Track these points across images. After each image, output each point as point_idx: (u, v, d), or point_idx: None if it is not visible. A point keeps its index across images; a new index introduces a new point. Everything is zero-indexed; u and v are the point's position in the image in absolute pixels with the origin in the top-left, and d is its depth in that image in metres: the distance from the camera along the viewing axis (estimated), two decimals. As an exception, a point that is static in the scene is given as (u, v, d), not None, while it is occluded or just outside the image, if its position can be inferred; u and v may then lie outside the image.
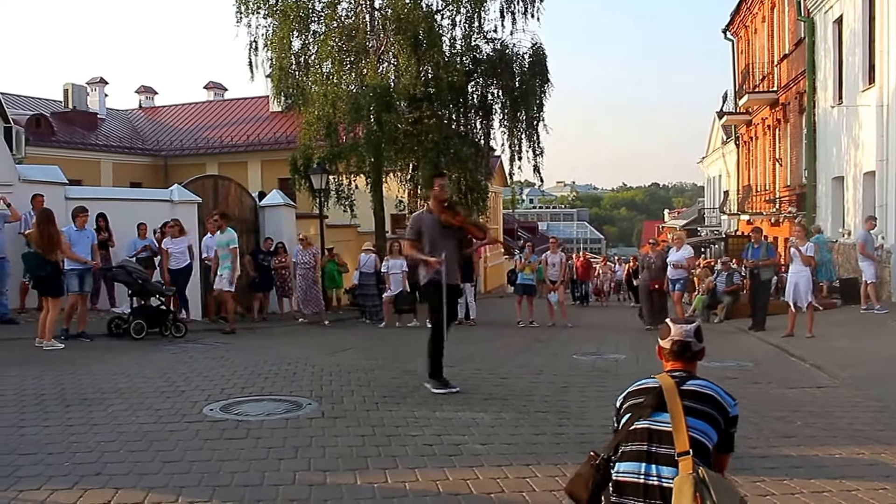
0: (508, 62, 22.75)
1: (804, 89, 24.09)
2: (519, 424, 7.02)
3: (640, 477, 3.23)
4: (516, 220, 64.50)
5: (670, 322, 3.76)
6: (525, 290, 17.52)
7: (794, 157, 26.41)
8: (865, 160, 19.12)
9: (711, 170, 47.46)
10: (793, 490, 5.15)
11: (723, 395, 3.47)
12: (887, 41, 17.50)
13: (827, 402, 8.28)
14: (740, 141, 36.64)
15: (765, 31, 30.70)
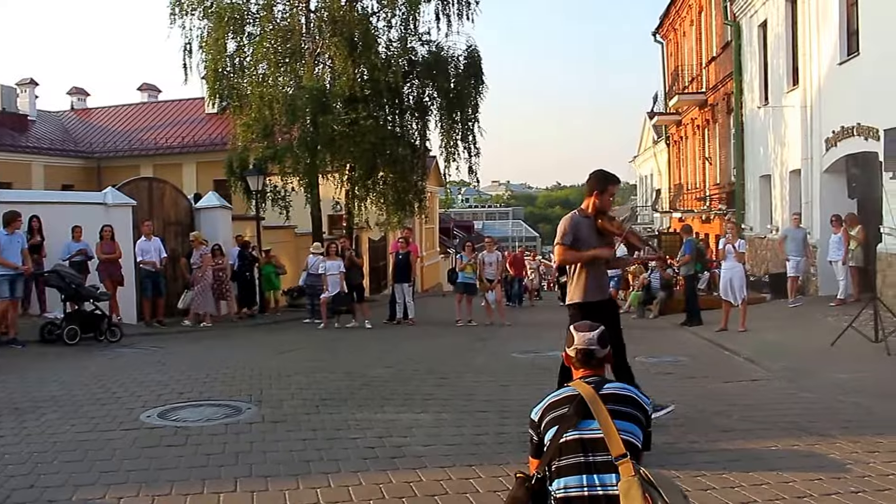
0: (444, 64, 22.79)
1: (732, 91, 24.69)
2: (461, 424, 7.02)
3: (584, 490, 3.19)
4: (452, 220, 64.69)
5: (574, 330, 3.74)
6: (466, 290, 17.59)
7: (723, 156, 27.03)
8: (791, 159, 19.66)
9: (643, 169, 48.22)
10: (732, 484, 5.23)
11: (640, 395, 3.51)
12: (809, 44, 18.02)
13: (762, 395, 8.48)
14: (671, 140, 37.34)
15: (693, 34, 31.36)
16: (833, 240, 15.83)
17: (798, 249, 16.74)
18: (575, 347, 3.63)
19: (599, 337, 3.65)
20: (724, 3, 24.66)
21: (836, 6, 16.46)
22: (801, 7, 18.62)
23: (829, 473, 5.42)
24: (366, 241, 28.47)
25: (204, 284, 17.14)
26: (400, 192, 23.33)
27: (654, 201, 40.83)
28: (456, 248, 32.95)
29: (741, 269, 14.21)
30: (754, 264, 21.90)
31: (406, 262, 17.59)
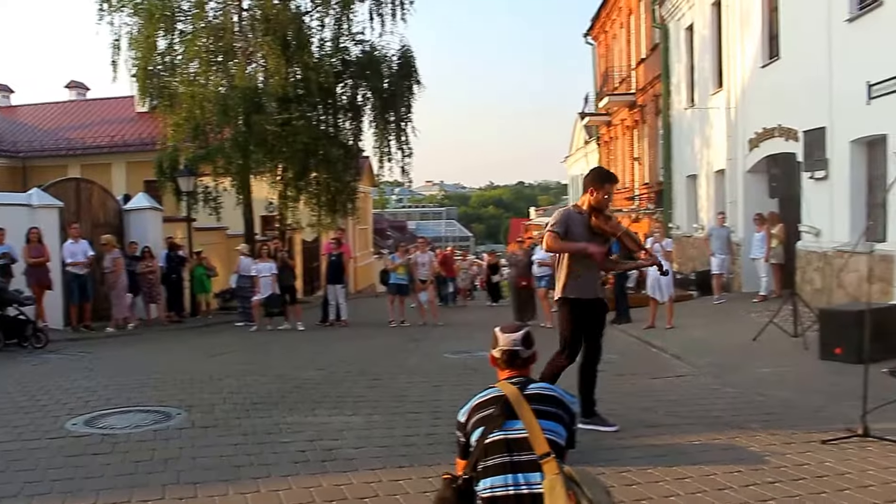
0: (377, 64, 22.75)
1: (660, 92, 25.19)
2: (392, 426, 7.05)
3: (510, 489, 3.22)
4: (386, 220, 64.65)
5: (498, 331, 3.76)
6: (398, 290, 17.61)
7: (652, 156, 27.55)
8: (716, 159, 20.16)
9: (575, 168, 48.79)
10: (656, 478, 5.37)
11: (563, 394, 3.56)
12: (733, 48, 18.50)
13: (687, 391, 8.69)
14: (601, 140, 37.89)
15: (623, 36, 31.89)
16: (756, 238, 16.29)
17: (722, 247, 17.17)
18: (500, 348, 3.66)
19: (524, 337, 3.68)
20: (653, 7, 25.14)
21: (758, 11, 16.95)
22: (725, 12, 19.10)
23: (748, 465, 5.60)
24: (299, 242, 28.26)
25: (119, 289, 16.71)
26: (333, 192, 23.24)
27: (585, 201, 41.26)
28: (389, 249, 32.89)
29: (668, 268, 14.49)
30: (681, 262, 22.38)
31: (339, 264, 17.54)
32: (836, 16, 13.17)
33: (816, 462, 5.62)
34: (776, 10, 16.20)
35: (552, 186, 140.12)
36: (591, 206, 6.68)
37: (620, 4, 31.66)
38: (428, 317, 17.66)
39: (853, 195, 13.00)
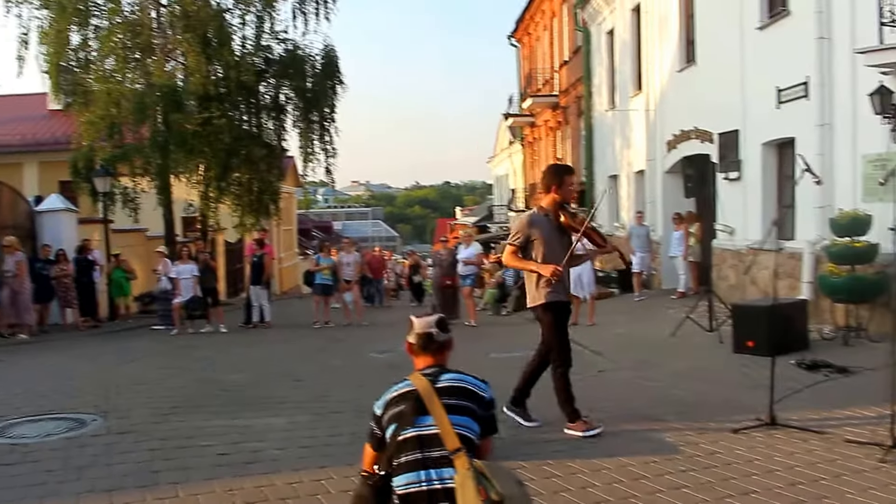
0: (301, 63, 22.57)
1: (582, 94, 25.63)
2: (315, 426, 7.08)
3: (423, 485, 3.26)
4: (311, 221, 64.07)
5: (413, 317, 3.80)
6: (324, 291, 17.56)
7: (575, 157, 27.98)
8: (636, 160, 20.62)
9: (499, 169, 49.26)
10: (574, 470, 5.53)
11: (475, 384, 3.53)
12: (652, 52, 18.96)
13: (607, 386, 8.90)
14: (525, 141, 38.31)
15: (546, 38, 32.32)
16: (674, 236, 16.73)
17: (642, 246, 17.57)
18: (415, 333, 3.67)
19: (438, 321, 3.69)
20: (575, 11, 25.55)
21: (675, 18, 17.40)
22: (644, 17, 19.56)
23: (663, 455, 5.81)
24: (222, 243, 27.86)
25: (21, 294, 15.96)
26: (256, 193, 22.96)
27: (510, 201, 41.80)
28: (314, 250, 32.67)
29: (590, 266, 14.79)
30: (603, 261, 22.81)
31: (261, 265, 17.39)
32: (748, 24, 13.62)
33: (727, 450, 5.87)
34: (692, 17, 16.66)
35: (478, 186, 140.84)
36: (556, 203, 6.59)
37: (544, 7, 32.07)
38: (353, 317, 17.65)
39: (765, 195, 13.49)
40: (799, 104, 12.02)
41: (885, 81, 10.23)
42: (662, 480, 5.25)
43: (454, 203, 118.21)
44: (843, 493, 4.88)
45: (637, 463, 5.64)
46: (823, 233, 11.21)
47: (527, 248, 6.56)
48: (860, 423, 6.44)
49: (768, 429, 6.36)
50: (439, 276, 17.13)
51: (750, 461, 5.59)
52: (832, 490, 4.95)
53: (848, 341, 10.21)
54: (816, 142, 11.46)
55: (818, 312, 11.24)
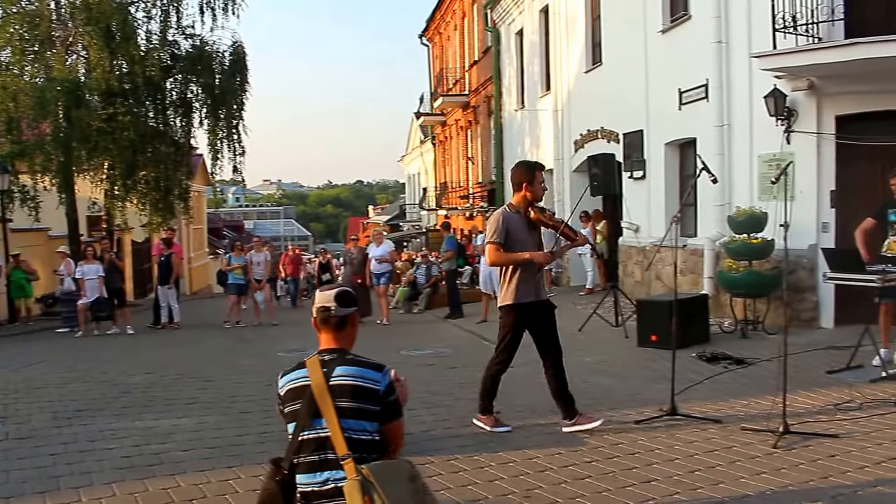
0: (209, 59, 22.15)
1: (492, 94, 25.86)
2: (223, 426, 7.02)
3: (319, 485, 3.31)
4: (221, 220, 62.98)
5: (317, 291, 3.72)
6: (238, 291, 17.35)
7: (485, 156, 28.26)
8: (545, 159, 20.88)
9: (411, 167, 49.35)
10: (482, 464, 5.63)
11: (367, 376, 3.41)
12: (560, 53, 19.27)
13: (514, 381, 8.96)
14: (436, 140, 38.48)
15: (456, 38, 32.51)
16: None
17: (550, 243, 17.78)
18: (315, 306, 3.60)
19: (338, 295, 3.57)
20: (485, 11, 25.74)
21: (582, 19, 17.72)
22: (552, 18, 19.84)
23: (568, 447, 5.96)
24: (128, 243, 27.18)
25: None
26: (163, 191, 22.42)
27: (422, 199, 41.95)
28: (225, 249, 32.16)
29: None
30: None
31: (169, 265, 17.06)
32: (652, 27, 13.99)
33: (630, 441, 6.06)
34: (598, 19, 16.99)
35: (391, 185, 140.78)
36: (528, 201, 6.48)
37: (454, 7, 32.23)
38: (264, 317, 17.48)
39: (668, 194, 13.88)
40: (699, 105, 12.41)
41: (779, 84, 10.68)
42: (567, 471, 5.38)
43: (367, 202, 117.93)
44: (738, 478, 5.09)
45: (543, 455, 5.76)
46: (723, 230, 11.61)
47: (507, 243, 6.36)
48: (756, 412, 6.73)
49: (670, 419, 6.59)
50: (350, 275, 17.10)
51: (651, 450, 5.77)
52: (728, 475, 5.16)
53: (746, 334, 10.63)
54: (716, 142, 11.87)
55: (718, 306, 11.65)
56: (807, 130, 10.66)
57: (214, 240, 45.86)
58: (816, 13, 10.02)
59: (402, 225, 49.57)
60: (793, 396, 6.72)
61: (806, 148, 10.71)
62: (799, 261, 10.69)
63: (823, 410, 6.75)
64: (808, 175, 10.68)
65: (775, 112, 10.71)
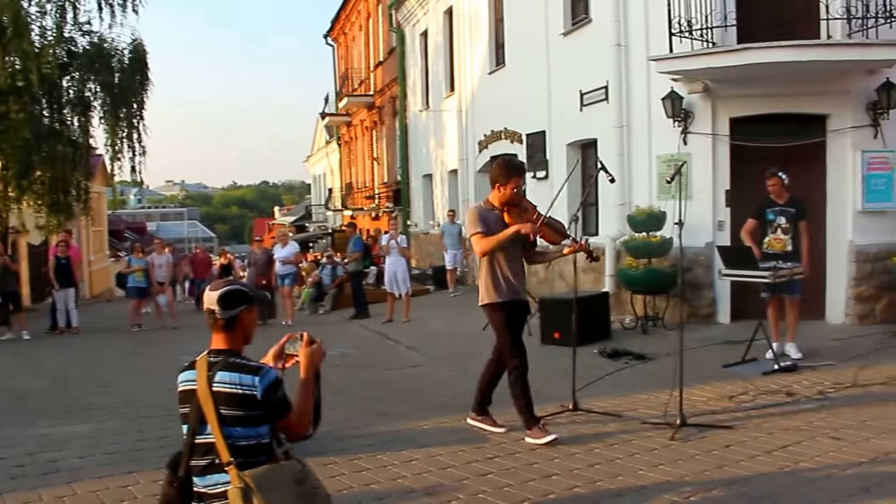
0: (107, 57, 21.38)
1: (397, 94, 25.83)
2: (122, 432, 6.86)
3: (210, 488, 3.29)
4: (123, 221, 61.20)
5: (207, 291, 3.55)
6: (138, 294, 16.85)
7: (390, 156, 28.23)
8: (449, 160, 21.02)
9: (317, 168, 48.94)
10: (385, 463, 5.62)
11: (244, 383, 3.27)
12: (463, 55, 19.38)
13: (420, 380, 9.06)
14: (342, 140, 38.27)
15: (362, 38, 32.36)
16: (486, 234, 17.16)
17: (454, 243, 17.96)
18: (204, 307, 3.52)
19: (222, 296, 3.42)
20: (390, 11, 25.70)
21: (485, 21, 17.85)
22: (456, 20, 19.93)
23: (471, 444, 5.99)
24: (24, 245, 26.07)
25: None
26: (60, 192, 21.58)
27: (327, 200, 41.66)
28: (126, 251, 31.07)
29: (404, 263, 15.05)
30: (420, 258, 23.14)
31: (66, 268, 16.46)
32: (553, 29, 14.16)
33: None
34: (502, 21, 17.14)
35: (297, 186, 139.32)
36: (502, 203, 6.16)
37: (359, 7, 32.09)
38: (166, 320, 17.04)
39: (570, 193, 14.05)
40: (600, 107, 12.62)
41: (676, 87, 10.97)
42: (470, 468, 5.40)
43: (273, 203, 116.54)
44: (637, 471, 5.20)
45: (446, 453, 5.77)
46: (623, 229, 11.85)
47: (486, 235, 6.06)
48: (655, 405, 6.89)
49: (572, 415, 6.69)
50: (254, 276, 16.84)
51: (553, 446, 5.82)
52: (626, 468, 5.26)
53: (646, 330, 10.87)
54: (615, 142, 12.09)
55: (619, 304, 11.87)
56: (702, 132, 10.98)
57: (116, 242, 44.48)
58: (710, 19, 10.31)
59: (307, 226, 49.08)
60: (690, 390, 6.91)
61: (702, 149, 11.02)
62: (696, 258, 11.00)
63: (719, 403, 6.97)
64: (704, 175, 11.00)
65: (672, 114, 11.00)
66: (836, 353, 8.84)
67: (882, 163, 10.67)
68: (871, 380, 7.58)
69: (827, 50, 9.99)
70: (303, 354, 3.49)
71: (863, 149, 10.64)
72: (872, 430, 5.95)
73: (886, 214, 10.79)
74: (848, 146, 10.71)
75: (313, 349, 3.51)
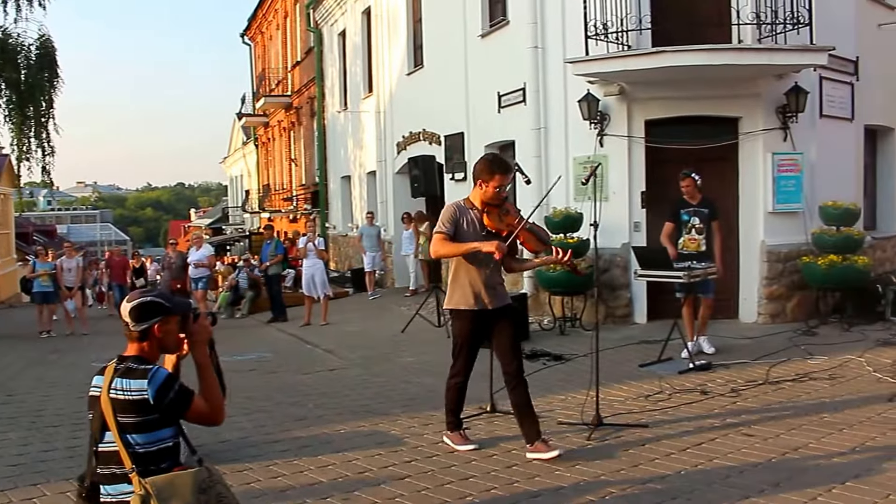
0: (13, 52, 20.55)
1: (315, 95, 25.55)
2: (27, 442, 6.60)
3: (115, 497, 3.21)
4: (31, 224, 59.13)
5: (125, 300, 3.44)
6: (44, 299, 16.20)
7: (308, 158, 27.92)
8: (368, 161, 20.87)
9: (234, 169, 48.17)
10: (301, 468, 5.50)
11: (133, 388, 3.16)
12: (382, 55, 19.27)
13: (337, 383, 8.92)
14: (259, 142, 37.75)
15: (279, 38, 31.94)
16: (405, 235, 17.15)
17: (373, 245, 17.88)
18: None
19: (133, 308, 3.29)
20: (308, 11, 25.41)
21: (404, 21, 17.77)
22: (375, 20, 19.79)
23: (388, 448, 5.90)
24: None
25: None
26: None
27: (244, 202, 41.05)
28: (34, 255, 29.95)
29: (322, 266, 14.88)
30: (339, 261, 22.94)
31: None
32: (472, 31, 14.16)
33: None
34: (420, 22, 17.09)
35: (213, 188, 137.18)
36: (483, 203, 5.65)
37: (277, 6, 31.67)
38: (76, 326, 16.46)
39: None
40: (518, 109, 12.67)
41: (592, 90, 11.08)
42: (387, 472, 5.32)
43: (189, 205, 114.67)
44: (553, 471, 5.19)
45: (363, 457, 5.68)
46: (541, 230, 11.90)
47: (454, 238, 5.59)
48: (572, 406, 6.91)
49: (489, 416, 6.66)
50: (168, 280, 16.45)
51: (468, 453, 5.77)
52: (543, 469, 5.25)
53: (564, 331, 10.95)
54: (533, 144, 12.14)
55: (538, 305, 11.94)
56: (618, 134, 11.12)
57: (24, 245, 42.90)
58: (626, 22, 10.45)
59: (224, 228, 48.25)
60: (606, 390, 6.97)
61: (618, 151, 11.16)
62: (613, 259, 11.13)
63: (636, 402, 7.03)
64: (620, 177, 11.15)
65: (589, 116, 11.09)
66: (748, 352, 9.08)
67: (791, 165, 10.99)
68: (782, 377, 7.78)
69: (737, 54, 10.24)
70: (187, 334, 3.36)
71: (773, 151, 10.95)
72: (783, 425, 6.09)
73: (796, 215, 11.12)
74: (759, 148, 11.00)
75: (197, 326, 3.37)
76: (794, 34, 10.28)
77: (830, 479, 4.85)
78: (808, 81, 11.00)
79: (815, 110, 11.34)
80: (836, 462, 5.23)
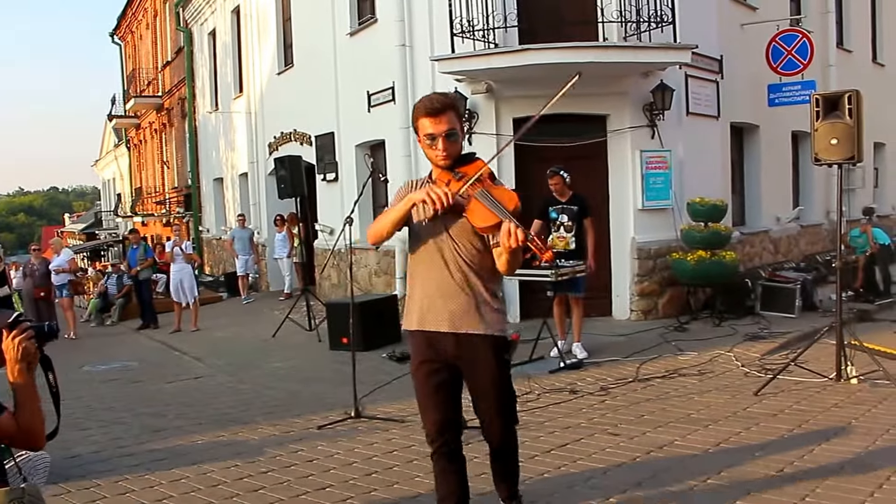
0: None
1: (186, 95, 24.85)
2: None
3: None
4: None
5: None
6: None
7: (180, 160, 27.18)
8: (240, 162, 20.40)
9: (106, 172, 46.58)
10: (152, 483, 5.22)
11: None
12: (252, 55, 18.85)
13: (201, 392, 8.63)
14: (131, 144, 36.58)
15: (149, 37, 31.02)
16: (278, 238, 16.83)
17: (245, 248, 17.49)
18: None
19: None
20: (177, 10, 24.70)
21: (273, 20, 17.42)
22: (244, 19, 19.34)
23: (245, 458, 5.68)
24: None
25: None
26: None
27: (117, 206, 39.69)
28: None
29: (190, 270, 14.44)
30: (213, 265, 22.36)
31: None
32: (340, 29, 13.98)
33: (310, 447, 5.88)
34: (290, 21, 16.77)
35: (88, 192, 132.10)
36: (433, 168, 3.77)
37: (146, 5, 30.71)
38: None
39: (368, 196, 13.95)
40: (387, 108, 12.55)
41: (460, 87, 11.07)
42: (241, 484, 5.11)
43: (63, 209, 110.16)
44: (413, 478, 5.07)
45: (218, 469, 5.45)
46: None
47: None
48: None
49: (354, 422, 6.52)
50: (31, 288, 15.61)
51: (330, 456, 5.63)
52: (403, 475, 5.13)
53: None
54: (403, 143, 12.03)
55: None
56: (486, 132, 11.13)
57: None
58: (492, 20, 10.48)
59: (98, 233, 46.47)
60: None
61: (486, 149, 11.12)
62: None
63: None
64: (489, 175, 11.15)
65: (457, 114, 11.06)
66: (620, 349, 9.16)
67: (660, 162, 11.25)
68: (651, 374, 7.88)
69: (602, 52, 10.38)
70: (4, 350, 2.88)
71: (641, 148, 11.17)
72: (649, 423, 6.11)
73: (665, 212, 11.38)
74: (627, 146, 11.20)
75: (14, 341, 2.86)
76: (659, 33, 10.52)
77: (693, 477, 4.86)
78: (674, 80, 11.26)
79: (681, 108, 11.64)
80: (699, 459, 5.25)
